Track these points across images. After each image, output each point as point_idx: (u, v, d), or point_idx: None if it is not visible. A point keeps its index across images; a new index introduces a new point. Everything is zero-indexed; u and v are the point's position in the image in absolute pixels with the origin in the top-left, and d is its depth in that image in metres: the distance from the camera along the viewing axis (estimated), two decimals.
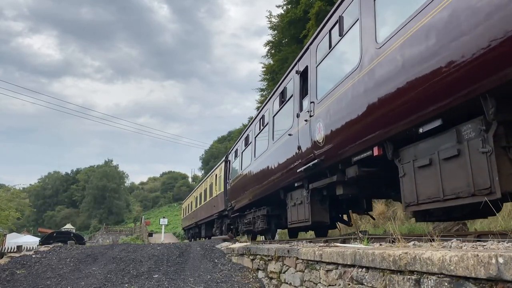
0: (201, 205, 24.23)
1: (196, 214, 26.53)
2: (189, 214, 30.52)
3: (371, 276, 3.26)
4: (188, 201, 32.40)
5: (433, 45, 3.88)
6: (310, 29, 19.98)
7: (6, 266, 7.91)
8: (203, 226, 24.37)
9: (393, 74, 4.55)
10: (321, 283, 4.28)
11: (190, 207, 30.15)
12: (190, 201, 31.02)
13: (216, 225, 20.11)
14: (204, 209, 22.61)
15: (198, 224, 25.98)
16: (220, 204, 17.60)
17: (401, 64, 4.40)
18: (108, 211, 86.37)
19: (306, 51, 7.88)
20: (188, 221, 32.12)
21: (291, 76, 8.62)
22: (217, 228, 19.95)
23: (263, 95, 30.94)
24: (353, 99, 5.49)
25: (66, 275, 7.14)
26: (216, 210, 18.51)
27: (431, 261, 2.52)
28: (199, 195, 25.15)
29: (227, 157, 17.26)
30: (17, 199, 41.32)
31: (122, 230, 54.70)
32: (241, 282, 6.43)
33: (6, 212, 32.79)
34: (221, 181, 17.54)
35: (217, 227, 19.82)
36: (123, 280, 6.73)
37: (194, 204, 27.93)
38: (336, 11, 6.43)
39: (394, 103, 4.56)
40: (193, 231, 29.96)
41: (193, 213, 27.87)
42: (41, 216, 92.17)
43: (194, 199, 28.18)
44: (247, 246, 7.59)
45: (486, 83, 3.39)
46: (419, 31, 4.09)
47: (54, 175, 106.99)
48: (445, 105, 3.87)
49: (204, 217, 22.81)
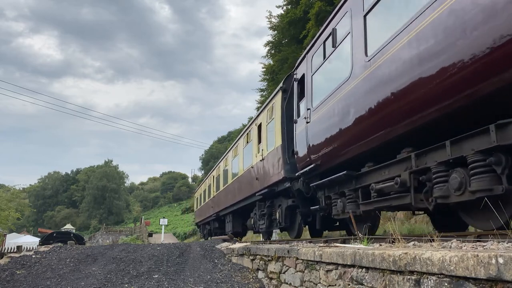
0: (226, 186, 16.57)
1: (217, 201, 18.71)
2: (206, 204, 22.35)
3: (371, 277, 3.27)
4: (204, 186, 23.81)
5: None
6: (310, 29, 19.98)
7: (6, 266, 7.91)
8: (229, 218, 16.73)
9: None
10: (321, 283, 4.28)
11: (208, 193, 21.83)
12: (207, 185, 22.55)
13: (258, 211, 11.85)
14: (233, 191, 14.95)
15: (221, 216, 18.32)
16: (271, 171, 10.06)
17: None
18: (108, 211, 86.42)
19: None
20: (203, 213, 23.67)
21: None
22: (260, 218, 11.63)
23: (263, 95, 30.94)
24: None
25: (66, 275, 7.14)
26: (261, 185, 10.96)
27: (431, 261, 2.52)
28: (223, 172, 17.59)
29: (298, 67, 8.65)
30: (17, 199, 41.33)
31: (122, 230, 54.67)
32: (241, 283, 6.43)
33: (6, 212, 32.82)
34: (275, 128, 9.86)
35: (261, 215, 11.55)
36: (123, 280, 6.73)
37: (214, 187, 19.87)
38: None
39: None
40: (211, 226, 21.70)
41: (213, 201, 19.88)
42: (41, 216, 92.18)
43: (213, 180, 20.24)
44: (247, 246, 7.60)
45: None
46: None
47: (54, 175, 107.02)
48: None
49: (233, 203, 15.01)
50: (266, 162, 10.59)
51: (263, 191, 10.72)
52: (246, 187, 12.75)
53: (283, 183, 9.36)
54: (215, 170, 19.90)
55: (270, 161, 10.19)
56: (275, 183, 9.92)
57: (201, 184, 26.66)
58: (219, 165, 18.80)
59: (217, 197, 18.60)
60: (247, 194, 12.54)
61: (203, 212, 23.71)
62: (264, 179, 10.75)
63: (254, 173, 11.82)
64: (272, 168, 10.06)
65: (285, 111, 9.46)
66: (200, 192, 25.62)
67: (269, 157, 10.31)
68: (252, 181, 11.95)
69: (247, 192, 12.53)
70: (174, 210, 79.24)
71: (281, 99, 9.67)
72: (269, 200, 10.98)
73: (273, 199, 10.79)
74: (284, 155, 9.18)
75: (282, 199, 9.99)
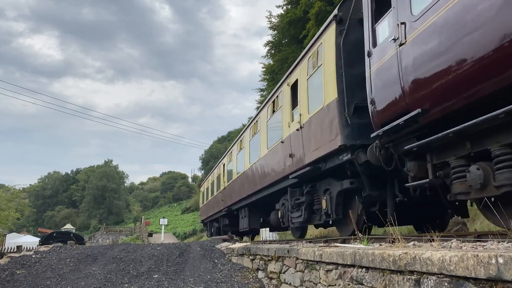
0: (241, 174, 13.46)
1: (229, 193, 15.65)
2: (214, 197, 19.05)
3: (371, 276, 3.27)
4: (212, 178, 20.47)
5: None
6: (310, 29, 19.99)
7: (6, 266, 7.91)
8: (244, 213, 13.64)
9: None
10: (321, 283, 4.28)
11: (217, 184, 18.59)
12: (215, 175, 19.34)
13: (291, 200, 8.84)
14: (251, 178, 12.07)
15: (233, 210, 15.31)
16: (317, 141, 7.36)
17: None
18: (108, 211, 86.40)
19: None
20: (211, 209, 20.25)
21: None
22: (294, 209, 8.73)
23: (263, 95, 30.94)
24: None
25: (66, 275, 7.15)
26: (297, 164, 8.22)
27: (431, 261, 2.52)
28: (236, 158, 14.60)
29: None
30: (17, 199, 41.31)
31: (122, 230, 54.68)
32: (241, 282, 6.44)
33: (6, 212, 32.81)
34: (324, 78, 7.14)
35: (295, 205, 8.69)
36: (123, 280, 6.73)
37: (224, 177, 16.86)
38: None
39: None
40: (220, 223, 18.21)
41: (223, 194, 16.76)
42: (41, 216, 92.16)
43: (223, 169, 17.22)
44: (247, 246, 7.60)
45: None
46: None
47: (54, 175, 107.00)
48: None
49: (251, 192, 12.01)
50: (306, 130, 7.83)
51: (301, 172, 7.89)
52: (271, 170, 10.05)
53: (338, 156, 6.70)
54: (226, 157, 16.83)
55: (315, 128, 7.44)
56: (322, 158, 7.20)
57: (208, 176, 23.15)
58: (232, 151, 15.88)
59: (228, 188, 15.79)
60: (274, 179, 9.82)
61: (210, 208, 20.51)
62: (302, 154, 7.98)
63: (285, 149, 8.96)
64: (317, 137, 7.31)
65: (342, 50, 6.69)
66: (207, 185, 22.26)
67: (312, 122, 7.59)
68: (281, 161, 9.23)
69: (274, 177, 9.81)
70: (174, 210, 79.24)
71: (335, 34, 6.81)
72: (308, 184, 8.27)
73: (315, 182, 8.08)
74: (341, 113, 6.45)
75: (332, 182, 7.36)
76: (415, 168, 4.78)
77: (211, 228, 21.72)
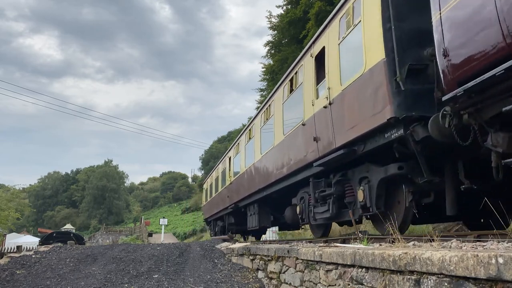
0: (250, 166, 12.09)
1: (235, 188, 14.22)
2: (219, 194, 17.63)
3: (371, 276, 3.27)
4: (216, 173, 19.04)
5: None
6: (310, 29, 19.98)
7: (6, 266, 7.91)
8: (254, 209, 12.10)
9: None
10: (320, 283, 4.28)
11: (221, 180, 17.27)
12: (220, 171, 17.99)
13: (314, 192, 7.54)
14: (263, 170, 10.70)
15: (240, 207, 13.91)
16: (355, 116, 5.99)
17: None
18: (108, 211, 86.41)
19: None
20: (215, 206, 18.81)
21: None
22: (319, 203, 7.43)
23: (262, 95, 30.94)
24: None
25: (66, 275, 7.15)
26: (324, 149, 7.00)
27: (431, 261, 2.52)
28: (245, 149, 13.16)
29: None
30: (16, 199, 41.30)
31: (122, 230, 54.69)
32: (241, 282, 6.44)
33: (5, 212, 32.81)
34: (366, 37, 5.73)
35: (320, 198, 7.35)
36: (123, 280, 6.73)
37: (230, 172, 15.49)
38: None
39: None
40: (226, 221, 16.78)
41: (229, 189, 15.31)
42: (41, 216, 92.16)
43: (229, 163, 15.85)
44: (247, 246, 7.60)
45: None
46: None
47: (54, 175, 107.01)
48: None
49: (263, 186, 10.65)
50: (337, 106, 6.51)
51: (330, 157, 6.57)
52: (289, 160, 8.68)
53: (384, 134, 5.41)
54: (233, 149, 15.27)
55: (350, 101, 6.14)
56: (359, 138, 5.89)
57: (212, 172, 21.30)
58: (239, 142, 14.22)
59: (235, 183, 14.20)
60: (291, 169, 8.48)
61: (214, 205, 18.90)
62: (331, 136, 6.66)
63: (307, 132, 7.66)
64: (354, 112, 5.99)
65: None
66: (211, 182, 20.58)
67: (345, 95, 6.25)
68: (302, 147, 7.94)
69: (292, 166, 8.49)
70: (174, 210, 79.24)
71: None
72: (337, 172, 6.96)
73: (346, 170, 6.84)
74: (391, 77, 5.14)
75: (371, 168, 6.09)
76: (506, 141, 3.65)
77: (215, 227, 19.99)
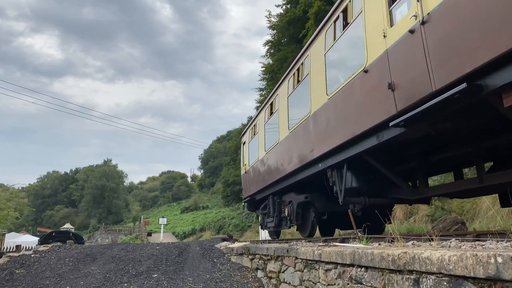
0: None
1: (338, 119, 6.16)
2: (285, 142, 8.63)
3: (370, 276, 3.27)
4: (280, 105, 9.28)
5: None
6: (309, 28, 19.98)
7: (5, 265, 7.90)
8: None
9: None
10: (320, 283, 4.28)
11: (287, 119, 8.60)
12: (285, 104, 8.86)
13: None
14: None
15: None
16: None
17: None
18: (107, 211, 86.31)
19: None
20: (275, 172, 9.28)
21: None
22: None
23: (262, 95, 30.92)
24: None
25: (65, 275, 7.14)
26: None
27: (430, 260, 2.52)
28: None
29: None
30: (16, 199, 41.25)
31: (121, 229, 54.56)
32: (240, 282, 6.44)
33: (5, 211, 32.74)
34: None
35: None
36: (122, 279, 6.73)
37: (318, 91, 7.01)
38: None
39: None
40: (293, 203, 8.30)
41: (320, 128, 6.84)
42: (40, 215, 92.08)
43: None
44: (246, 246, 7.60)
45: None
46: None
47: (53, 175, 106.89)
48: None
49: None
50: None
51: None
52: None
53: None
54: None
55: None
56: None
57: (261, 109, 11.44)
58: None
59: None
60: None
61: (273, 171, 9.51)
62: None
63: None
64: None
65: None
66: (260, 126, 11.36)
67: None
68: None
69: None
70: (173, 209, 79.15)
71: None
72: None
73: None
74: None
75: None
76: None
77: (274, 212, 10.09)
